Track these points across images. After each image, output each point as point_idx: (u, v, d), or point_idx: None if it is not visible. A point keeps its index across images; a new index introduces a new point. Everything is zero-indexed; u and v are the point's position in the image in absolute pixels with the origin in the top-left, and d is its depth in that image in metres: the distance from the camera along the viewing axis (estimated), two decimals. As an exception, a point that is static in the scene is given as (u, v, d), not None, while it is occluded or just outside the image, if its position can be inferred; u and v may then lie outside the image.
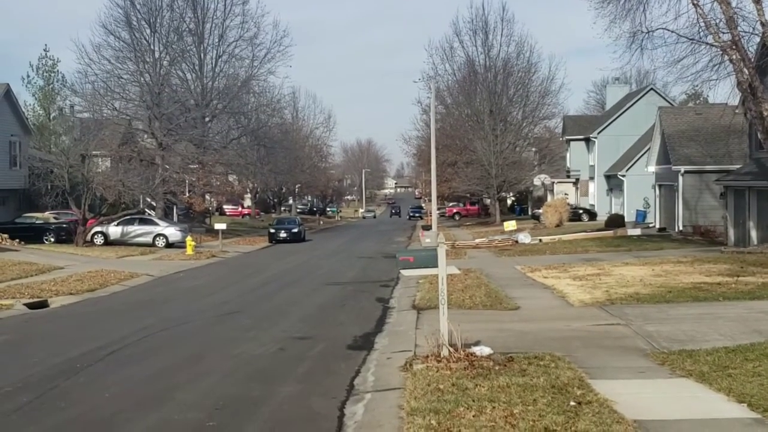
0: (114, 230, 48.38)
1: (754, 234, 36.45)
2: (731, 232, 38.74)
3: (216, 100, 67.36)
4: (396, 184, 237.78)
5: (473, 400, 10.66)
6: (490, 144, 72.94)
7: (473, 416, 9.97)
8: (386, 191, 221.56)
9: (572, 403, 10.47)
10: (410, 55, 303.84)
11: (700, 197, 45.13)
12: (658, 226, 50.40)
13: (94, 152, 50.94)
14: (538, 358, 13.39)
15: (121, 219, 49.12)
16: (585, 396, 10.87)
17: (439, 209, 70.82)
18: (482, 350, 13.49)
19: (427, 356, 13.40)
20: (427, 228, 57.50)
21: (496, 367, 12.63)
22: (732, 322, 16.68)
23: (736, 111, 35.80)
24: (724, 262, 28.57)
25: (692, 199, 45.36)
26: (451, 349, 13.25)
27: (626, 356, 13.97)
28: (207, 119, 66.98)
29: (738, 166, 41.05)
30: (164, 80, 61.58)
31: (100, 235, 47.83)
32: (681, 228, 45.54)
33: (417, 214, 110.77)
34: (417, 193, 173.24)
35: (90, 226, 47.60)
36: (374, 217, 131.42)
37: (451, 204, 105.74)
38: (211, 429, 10.58)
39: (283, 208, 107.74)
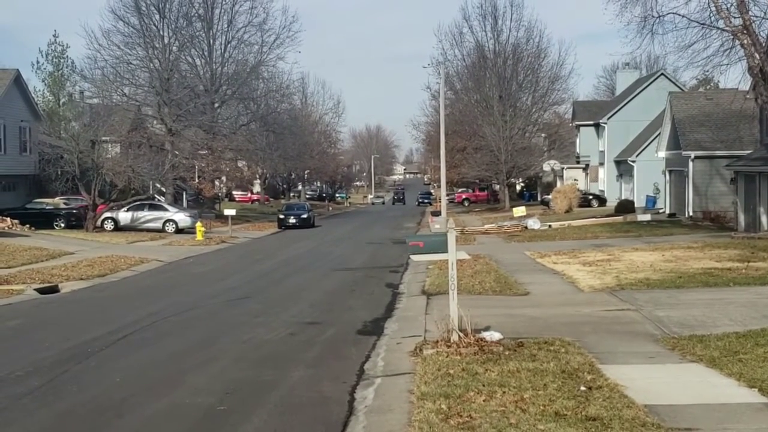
0: (124, 216, 48.49)
1: (764, 219, 36.30)
2: (741, 218, 38.59)
3: (225, 86, 67.34)
4: (405, 170, 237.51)
5: (483, 385, 10.66)
6: (499, 129, 72.77)
7: (483, 401, 9.97)
8: (395, 177, 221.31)
9: (582, 388, 10.46)
10: (419, 40, 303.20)
11: (711, 183, 44.95)
12: (668, 211, 50.24)
13: (103, 138, 51.04)
14: (548, 343, 13.38)
15: (131, 205, 49.20)
16: (595, 381, 10.85)
17: (448, 195, 70.81)
18: (492, 335, 13.49)
19: (437, 341, 13.39)
20: (437, 214, 57.49)
21: (506, 352, 12.63)
22: (742, 308, 16.64)
23: (747, 96, 35.61)
24: (734, 248, 28.48)
25: (702, 184, 45.18)
26: (461, 334, 13.25)
27: (636, 341, 13.94)
28: (216, 105, 67.00)
29: (749, 152, 40.86)
30: (173, 66, 61.65)
31: (110, 220, 47.96)
32: (691, 213, 45.39)
33: (426, 200, 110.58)
34: (426, 179, 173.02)
35: (100, 212, 47.75)
36: (383, 203, 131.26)
37: (460, 190, 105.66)
38: (221, 413, 10.60)
39: (292, 194, 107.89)
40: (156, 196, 57.27)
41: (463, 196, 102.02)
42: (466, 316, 13.50)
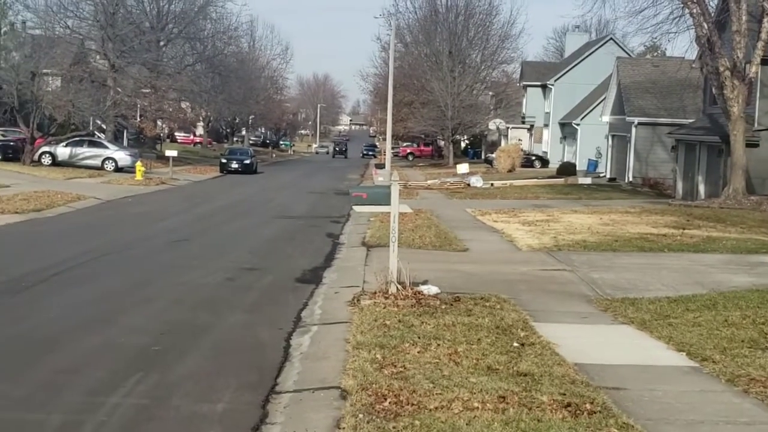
0: (62, 151, 47.58)
1: (702, 188, 36.98)
2: (680, 185, 39.26)
3: (172, 24, 66.10)
4: (351, 121, 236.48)
5: (419, 337, 10.74)
6: (447, 85, 72.66)
7: (418, 352, 10.06)
8: (341, 127, 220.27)
9: (515, 344, 10.60)
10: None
11: (652, 149, 45.59)
12: (608, 176, 50.90)
13: (44, 70, 49.78)
14: (484, 299, 13.50)
15: (70, 140, 48.29)
16: (528, 338, 11.01)
17: (393, 149, 70.72)
18: (430, 289, 13.57)
19: (375, 293, 13.44)
20: (381, 166, 57.43)
21: (443, 306, 12.72)
22: (675, 273, 16.94)
23: (693, 65, 36.06)
24: (671, 215, 28.95)
25: (644, 150, 45.80)
26: (399, 287, 13.31)
27: (570, 301, 14.16)
28: (162, 43, 65.79)
29: (691, 121, 41.47)
30: (119, 0, 60.19)
31: (48, 155, 47.03)
32: (631, 179, 46.06)
33: (371, 153, 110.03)
34: (372, 131, 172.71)
35: (38, 146, 46.80)
36: (327, 152, 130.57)
37: (405, 144, 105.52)
38: (155, 353, 10.53)
39: (235, 139, 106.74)
40: (96, 132, 56.23)
41: (408, 151, 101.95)
42: (405, 269, 13.56)
